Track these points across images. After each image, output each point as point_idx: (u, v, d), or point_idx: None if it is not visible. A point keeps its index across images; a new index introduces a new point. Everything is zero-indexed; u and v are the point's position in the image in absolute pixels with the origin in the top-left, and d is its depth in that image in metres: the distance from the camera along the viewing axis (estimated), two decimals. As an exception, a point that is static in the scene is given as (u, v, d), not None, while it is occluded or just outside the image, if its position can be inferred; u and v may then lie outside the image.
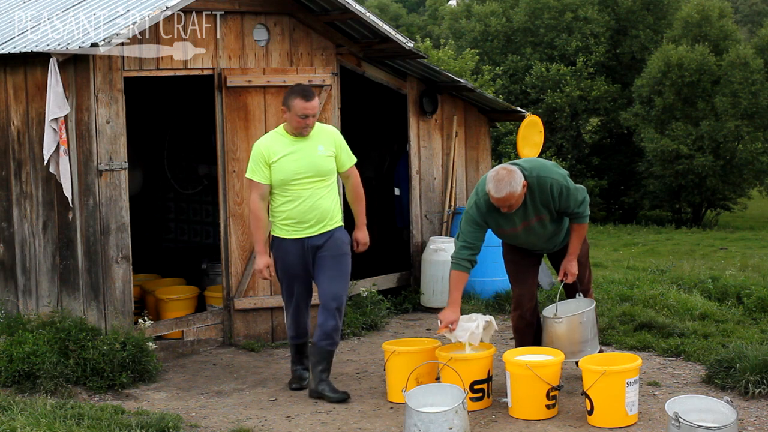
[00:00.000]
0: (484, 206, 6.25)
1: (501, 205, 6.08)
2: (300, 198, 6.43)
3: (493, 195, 6.03)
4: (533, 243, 6.52)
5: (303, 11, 8.28)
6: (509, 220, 6.28)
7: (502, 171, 6.05)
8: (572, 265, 6.51)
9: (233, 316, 8.05)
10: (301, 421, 6.16)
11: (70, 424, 5.67)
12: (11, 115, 7.63)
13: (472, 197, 6.38)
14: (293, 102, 6.37)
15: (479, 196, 6.28)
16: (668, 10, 29.98)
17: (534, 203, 6.22)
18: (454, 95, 9.98)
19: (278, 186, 6.44)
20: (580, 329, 6.45)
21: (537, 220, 6.30)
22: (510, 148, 25.29)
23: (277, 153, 6.42)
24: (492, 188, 6.02)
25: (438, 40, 34.54)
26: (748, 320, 8.50)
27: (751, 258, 14.35)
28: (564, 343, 6.42)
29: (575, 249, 6.50)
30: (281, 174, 6.41)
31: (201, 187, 11.07)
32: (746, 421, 5.87)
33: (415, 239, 9.76)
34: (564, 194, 6.23)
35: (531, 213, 6.26)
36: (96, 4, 7.88)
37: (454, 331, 6.34)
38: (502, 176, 6.01)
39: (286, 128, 6.51)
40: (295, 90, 6.46)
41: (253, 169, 6.47)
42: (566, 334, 6.44)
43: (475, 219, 6.30)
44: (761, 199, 30.91)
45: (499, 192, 6.00)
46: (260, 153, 6.46)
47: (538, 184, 6.18)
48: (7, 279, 7.83)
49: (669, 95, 26.62)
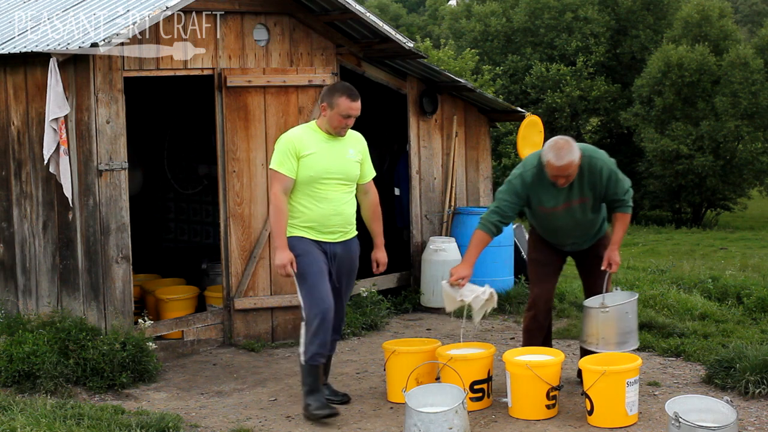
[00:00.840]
0: (530, 178, 6.20)
1: (559, 174, 6.02)
2: (325, 200, 6.05)
3: (554, 163, 5.98)
4: (568, 230, 6.41)
5: (303, 11, 8.28)
6: (553, 197, 6.22)
7: (561, 140, 6.04)
8: (616, 254, 6.41)
9: (233, 316, 8.05)
10: (301, 421, 6.15)
11: (70, 424, 5.68)
12: (11, 115, 7.63)
13: (517, 169, 6.29)
14: (338, 100, 5.99)
15: (526, 169, 6.23)
16: (668, 10, 29.98)
17: (581, 183, 6.19)
18: (454, 95, 9.99)
19: (304, 183, 6.01)
20: (626, 319, 6.38)
21: (580, 202, 6.25)
22: (510, 148, 25.31)
23: (309, 147, 6.01)
24: (553, 156, 5.98)
25: (438, 40, 34.54)
26: (748, 320, 8.51)
27: (751, 258, 14.35)
28: (610, 334, 6.35)
29: (619, 238, 6.43)
30: (311, 170, 5.99)
31: (201, 187, 11.08)
32: (746, 421, 5.87)
33: (415, 239, 9.76)
34: (612, 179, 6.24)
35: (576, 193, 6.21)
36: (96, 4, 7.88)
37: (462, 288, 6.22)
38: (562, 145, 6.00)
39: (320, 125, 6.12)
40: (339, 88, 6.09)
41: (281, 161, 6.00)
42: (613, 324, 6.36)
43: (517, 190, 6.24)
44: (761, 199, 30.91)
45: (560, 159, 5.96)
46: (291, 144, 6.01)
47: (589, 165, 6.16)
48: (7, 279, 7.84)
49: (669, 95, 26.62)
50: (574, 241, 6.53)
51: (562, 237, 6.50)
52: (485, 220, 6.28)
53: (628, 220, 6.48)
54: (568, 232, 6.45)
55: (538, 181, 6.20)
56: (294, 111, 8.11)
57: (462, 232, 9.66)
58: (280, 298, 8.10)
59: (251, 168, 7.99)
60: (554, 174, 6.06)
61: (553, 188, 6.19)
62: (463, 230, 9.67)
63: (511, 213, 6.29)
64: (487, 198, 10.31)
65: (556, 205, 6.26)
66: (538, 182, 6.20)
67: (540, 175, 6.18)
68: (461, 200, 10.07)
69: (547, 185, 6.19)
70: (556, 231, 6.46)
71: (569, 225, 6.39)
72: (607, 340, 6.33)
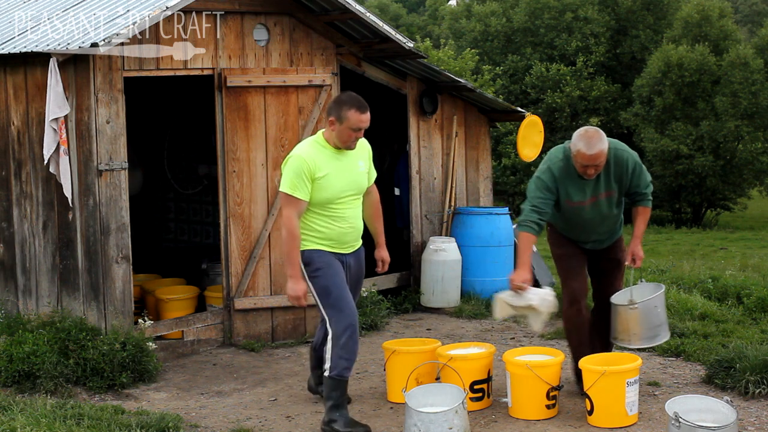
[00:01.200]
0: (558, 171, 6.17)
1: (590, 163, 6.00)
2: (341, 218, 5.86)
3: (585, 152, 5.95)
4: (594, 226, 6.38)
5: (303, 11, 8.28)
6: (581, 190, 6.20)
7: (590, 130, 6.04)
8: (639, 248, 6.38)
9: (233, 316, 8.05)
10: (301, 421, 6.16)
11: (70, 424, 5.67)
12: (11, 115, 7.63)
13: (543, 164, 6.26)
14: (347, 113, 5.71)
15: (553, 162, 6.21)
16: (668, 10, 29.97)
17: (608, 176, 6.18)
18: (454, 95, 9.99)
19: (319, 205, 5.78)
20: (656, 313, 6.37)
21: (606, 195, 6.25)
22: (510, 148, 25.29)
23: (323, 168, 5.74)
24: (583, 146, 5.96)
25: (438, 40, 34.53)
26: (748, 320, 8.51)
27: (751, 258, 14.34)
28: (641, 329, 6.34)
29: (641, 232, 6.41)
30: (326, 192, 5.76)
31: (201, 187, 11.08)
32: (746, 421, 5.87)
33: (415, 239, 9.76)
34: (637, 171, 6.24)
35: (602, 186, 6.20)
36: (96, 4, 7.88)
37: (525, 292, 6.09)
38: (592, 134, 6.00)
39: (328, 138, 5.83)
40: (347, 100, 5.79)
41: (295, 185, 5.69)
42: (643, 319, 6.34)
43: (547, 184, 6.18)
44: (761, 199, 30.90)
45: (592, 148, 5.94)
46: (305, 166, 5.71)
47: (615, 156, 6.15)
48: (7, 279, 7.84)
49: (669, 95, 26.61)
50: (597, 238, 6.48)
51: (587, 233, 6.45)
52: (526, 221, 6.19)
53: (649, 215, 6.49)
54: (593, 228, 6.40)
55: (566, 174, 6.17)
56: (294, 111, 8.12)
57: (462, 232, 9.66)
58: (280, 298, 8.10)
59: (251, 168, 7.99)
60: (584, 164, 6.02)
61: (580, 181, 6.17)
62: (463, 230, 9.67)
63: (547, 209, 6.21)
64: (487, 198, 10.31)
65: (583, 199, 6.23)
66: (566, 175, 6.18)
67: (567, 168, 6.15)
68: (461, 200, 10.07)
69: (574, 178, 6.16)
70: (582, 226, 6.40)
71: (596, 220, 6.35)
72: (639, 335, 6.32)
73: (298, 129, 8.12)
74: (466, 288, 9.53)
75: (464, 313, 9.16)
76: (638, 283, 6.57)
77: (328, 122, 5.81)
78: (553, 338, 8.21)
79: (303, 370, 7.39)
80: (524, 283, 6.08)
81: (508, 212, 9.89)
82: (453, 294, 9.37)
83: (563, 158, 6.17)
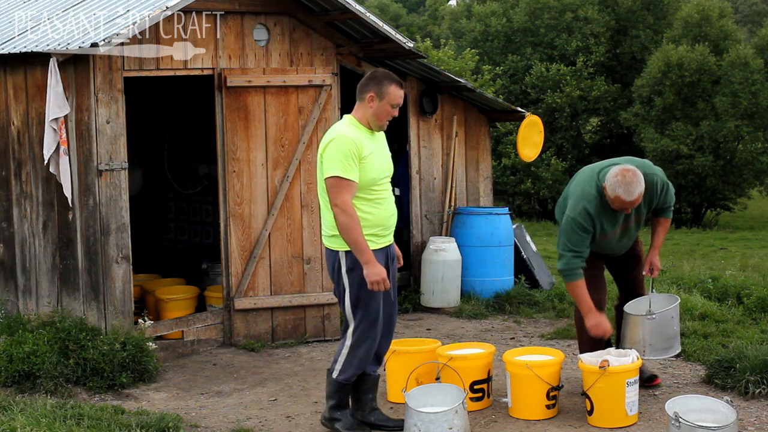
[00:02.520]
0: (594, 209, 6.09)
1: (630, 207, 5.99)
2: (384, 200, 5.60)
3: (626, 199, 5.90)
4: (616, 246, 6.40)
5: (303, 11, 8.28)
6: (613, 223, 6.17)
7: (627, 174, 5.92)
8: (657, 258, 6.41)
9: (233, 316, 8.05)
10: (301, 421, 6.16)
11: (70, 424, 5.67)
12: (11, 115, 7.63)
13: (578, 203, 6.10)
14: (389, 88, 5.50)
15: (588, 201, 6.08)
16: (668, 10, 29.94)
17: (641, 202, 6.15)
18: (454, 95, 9.98)
19: (363, 188, 5.49)
20: (671, 324, 6.35)
21: (636, 220, 6.26)
22: (510, 148, 25.28)
23: (367, 148, 5.48)
24: (623, 192, 5.89)
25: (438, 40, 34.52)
26: (748, 320, 8.51)
27: (751, 258, 14.34)
28: (656, 340, 6.31)
29: (660, 242, 6.41)
30: (372, 173, 5.50)
31: (201, 187, 11.08)
32: (746, 421, 5.87)
33: (415, 239, 9.76)
34: (665, 189, 6.26)
35: (632, 213, 6.19)
36: (96, 4, 7.88)
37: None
38: (630, 179, 5.91)
39: (361, 119, 5.57)
40: (386, 75, 5.57)
41: (347, 167, 5.39)
42: (658, 330, 6.32)
43: (585, 226, 6.08)
44: (761, 199, 30.89)
45: (631, 195, 5.91)
46: (354, 146, 5.42)
47: (648, 183, 6.11)
48: (7, 279, 7.83)
49: (669, 95, 26.60)
50: (618, 249, 6.49)
51: (609, 249, 6.45)
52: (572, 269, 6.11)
53: (669, 224, 6.52)
54: (615, 246, 6.41)
55: (602, 210, 6.11)
56: (294, 111, 8.11)
57: (462, 232, 9.66)
58: (280, 298, 8.10)
59: (251, 168, 7.99)
60: (623, 207, 6.00)
61: (613, 214, 6.14)
62: (462, 230, 9.67)
63: (586, 249, 6.15)
64: (487, 198, 10.31)
65: (615, 229, 6.24)
66: (601, 211, 6.12)
67: (602, 204, 6.09)
68: (461, 200, 10.07)
69: (608, 212, 6.12)
70: (606, 246, 6.39)
71: (622, 243, 6.39)
72: (654, 346, 6.29)
73: (298, 129, 8.12)
74: (466, 288, 9.53)
75: (464, 313, 9.16)
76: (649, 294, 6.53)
77: (367, 99, 5.53)
78: (553, 338, 8.22)
79: (303, 370, 7.39)
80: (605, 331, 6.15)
81: (508, 212, 9.89)
82: (453, 294, 9.37)
83: (597, 195, 6.09)
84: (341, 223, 5.42)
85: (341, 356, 5.70)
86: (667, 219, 6.44)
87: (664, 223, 6.45)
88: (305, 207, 8.13)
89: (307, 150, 8.10)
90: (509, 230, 9.74)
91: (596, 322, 6.14)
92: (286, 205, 8.08)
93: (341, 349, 5.72)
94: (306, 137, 8.08)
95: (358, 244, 5.42)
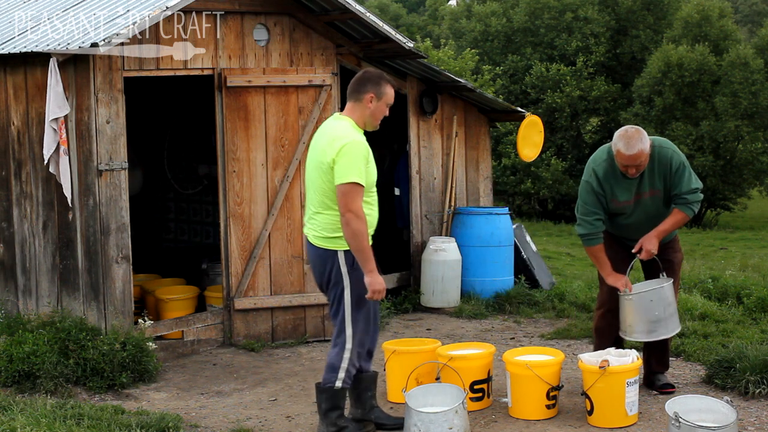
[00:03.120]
0: (602, 171, 6.15)
1: (630, 164, 5.97)
2: (376, 201, 5.66)
3: (624, 152, 5.93)
4: (639, 225, 6.30)
5: (303, 11, 8.28)
6: (626, 190, 6.16)
7: (630, 130, 6.01)
8: (651, 242, 6.20)
9: (233, 316, 8.05)
10: (301, 421, 6.16)
11: (70, 424, 5.67)
12: (11, 115, 7.63)
13: (588, 166, 6.23)
14: (386, 89, 5.58)
15: (597, 164, 6.19)
16: (668, 10, 29.94)
17: (652, 174, 6.13)
18: (454, 95, 9.98)
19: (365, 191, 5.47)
20: (650, 308, 6.25)
21: (651, 194, 6.20)
22: (510, 148, 25.27)
23: (369, 151, 5.52)
24: (623, 146, 5.94)
25: (438, 40, 34.51)
26: (748, 320, 8.51)
27: (751, 258, 14.33)
28: (636, 322, 6.28)
29: (663, 229, 6.23)
30: (372, 176, 5.53)
31: (201, 187, 11.08)
32: (746, 421, 5.87)
33: (415, 239, 9.76)
34: (680, 171, 6.14)
35: (646, 185, 6.16)
36: (96, 4, 7.88)
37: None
38: (632, 134, 5.97)
39: (357, 120, 5.59)
40: (381, 76, 5.62)
41: (361, 171, 5.37)
42: (638, 311, 6.27)
43: (594, 187, 6.17)
44: (761, 199, 30.88)
45: (631, 149, 5.92)
46: (366, 151, 5.44)
47: (659, 155, 6.10)
48: (7, 279, 7.83)
49: (669, 95, 26.60)
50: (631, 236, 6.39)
51: (633, 232, 6.38)
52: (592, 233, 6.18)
53: (682, 220, 6.24)
54: (638, 227, 6.33)
55: (612, 174, 6.15)
56: (294, 111, 8.11)
57: (462, 232, 9.66)
58: (280, 298, 8.10)
59: (251, 168, 7.99)
60: (624, 164, 6.01)
61: (624, 180, 6.14)
62: (463, 230, 9.67)
63: (600, 211, 6.19)
64: (487, 198, 10.31)
65: (628, 198, 6.20)
66: (611, 175, 6.16)
67: (612, 168, 6.14)
68: (461, 200, 10.07)
69: (619, 177, 6.14)
70: (628, 226, 6.37)
71: (641, 219, 6.30)
72: (634, 328, 6.28)
73: (298, 129, 8.12)
74: (466, 288, 9.53)
75: (464, 313, 9.16)
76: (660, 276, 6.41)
77: (366, 99, 5.55)
78: (553, 338, 8.22)
79: (303, 370, 7.39)
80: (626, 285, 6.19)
81: (508, 212, 9.89)
82: (453, 294, 9.37)
83: (607, 158, 6.16)
84: (356, 229, 5.33)
85: (344, 362, 5.55)
86: (680, 212, 6.21)
87: (676, 214, 6.22)
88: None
89: (307, 150, 8.08)
90: (509, 230, 9.74)
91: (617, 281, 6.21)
92: (286, 205, 8.08)
93: (342, 356, 5.56)
94: (306, 137, 8.08)
95: (366, 251, 5.36)
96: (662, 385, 6.52)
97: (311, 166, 5.63)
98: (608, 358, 5.92)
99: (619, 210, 6.28)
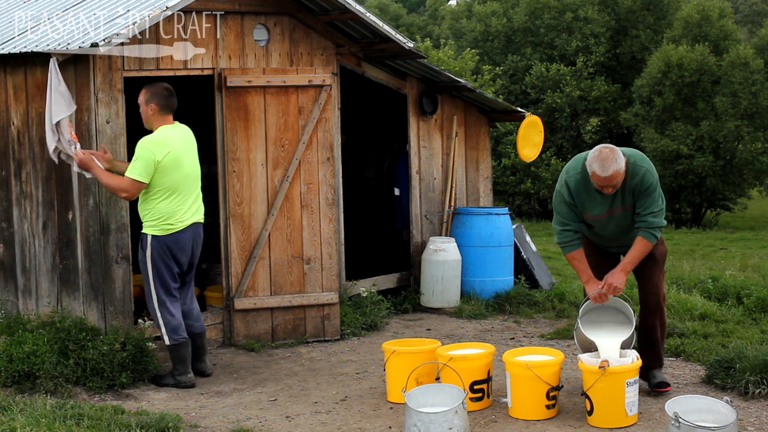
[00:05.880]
0: (574, 184, 6.13)
1: (606, 184, 5.93)
2: None
3: (600, 174, 5.88)
4: (613, 237, 6.34)
5: (303, 11, 8.28)
6: (598, 204, 6.14)
7: (605, 150, 5.93)
8: (615, 276, 6.16)
9: (233, 316, 8.05)
10: (301, 421, 6.16)
11: (70, 424, 5.67)
12: (11, 115, 7.63)
13: (561, 176, 6.23)
14: None
15: (570, 175, 6.16)
16: (668, 10, 29.94)
17: (623, 190, 6.08)
18: (454, 95, 9.99)
19: None
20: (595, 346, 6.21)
21: (622, 209, 6.16)
22: (510, 148, 25.28)
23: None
24: (598, 168, 5.89)
25: (438, 40, 34.52)
26: (748, 320, 8.51)
27: (751, 258, 14.34)
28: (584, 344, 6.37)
29: (628, 261, 6.16)
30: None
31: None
32: (746, 421, 5.87)
33: (415, 239, 9.76)
34: (649, 190, 6.05)
35: (618, 201, 6.12)
36: (96, 4, 7.88)
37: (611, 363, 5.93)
38: (606, 155, 5.89)
39: None
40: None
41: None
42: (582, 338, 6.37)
43: (565, 198, 6.18)
44: (761, 199, 30.90)
45: (606, 170, 5.87)
46: None
47: (632, 171, 6.03)
48: (7, 279, 7.83)
49: (669, 95, 26.60)
50: (623, 244, 6.39)
51: (609, 241, 6.44)
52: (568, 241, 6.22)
53: (645, 247, 6.13)
54: (613, 237, 6.37)
55: (583, 188, 6.12)
56: (294, 111, 8.11)
57: (462, 232, 9.66)
58: (280, 298, 8.10)
59: (251, 168, 7.99)
60: (600, 184, 5.97)
61: (598, 195, 6.11)
62: (462, 230, 9.68)
63: (575, 219, 6.22)
64: (487, 198, 10.32)
65: (600, 212, 6.19)
66: (583, 188, 6.13)
67: (585, 181, 6.10)
68: (461, 200, 10.08)
69: (591, 192, 6.12)
70: (603, 236, 6.40)
71: (614, 232, 6.31)
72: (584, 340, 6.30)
73: (298, 129, 8.12)
74: (466, 288, 9.53)
75: (464, 313, 9.17)
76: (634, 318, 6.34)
77: None
78: (553, 338, 8.22)
79: (303, 370, 7.39)
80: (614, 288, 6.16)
81: (508, 212, 9.90)
82: (453, 294, 9.38)
83: (581, 171, 6.11)
84: None
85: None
86: (642, 239, 6.09)
87: (639, 242, 6.10)
88: (305, 207, 8.13)
89: (307, 150, 8.10)
90: (509, 230, 9.74)
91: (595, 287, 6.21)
92: (286, 205, 8.08)
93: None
94: (306, 137, 8.08)
95: None
96: (657, 383, 6.48)
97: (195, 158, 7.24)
98: (608, 358, 5.92)
99: (591, 222, 6.29)
